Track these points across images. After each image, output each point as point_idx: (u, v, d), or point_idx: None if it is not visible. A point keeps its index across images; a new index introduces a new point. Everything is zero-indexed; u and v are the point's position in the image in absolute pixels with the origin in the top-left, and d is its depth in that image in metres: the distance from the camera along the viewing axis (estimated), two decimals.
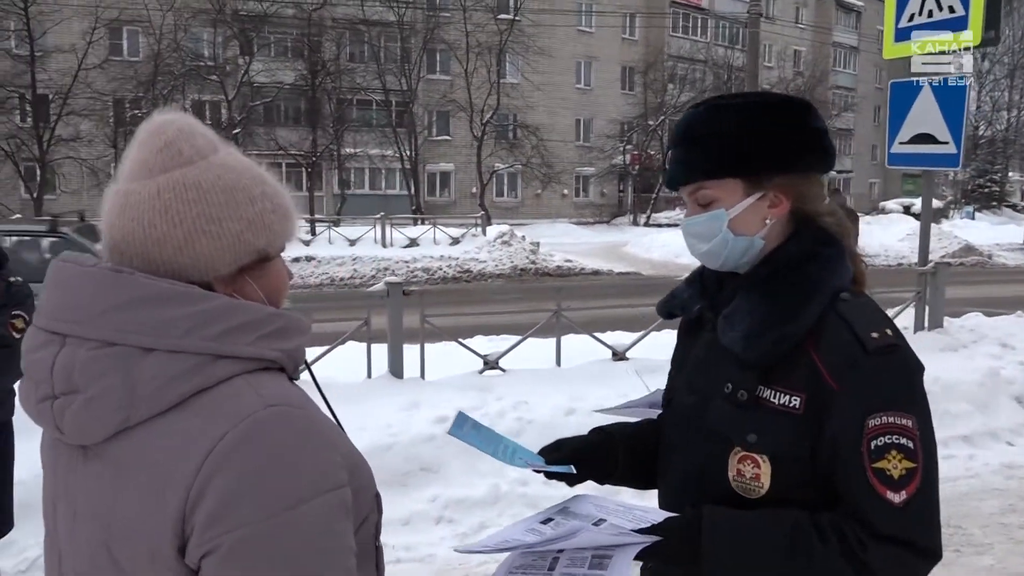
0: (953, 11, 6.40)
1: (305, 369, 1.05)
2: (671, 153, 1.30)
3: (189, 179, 0.93)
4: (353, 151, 29.22)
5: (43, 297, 0.94)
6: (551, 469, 1.33)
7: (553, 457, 1.36)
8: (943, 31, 6.46)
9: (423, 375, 5.49)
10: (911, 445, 1.11)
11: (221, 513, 0.83)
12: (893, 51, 6.99)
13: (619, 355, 5.97)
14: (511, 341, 6.07)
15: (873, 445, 1.11)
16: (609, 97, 36.38)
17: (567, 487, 1.41)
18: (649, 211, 33.63)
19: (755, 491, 1.19)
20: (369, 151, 29.58)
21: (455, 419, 1.30)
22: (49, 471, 1.01)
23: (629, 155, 34.84)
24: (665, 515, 1.18)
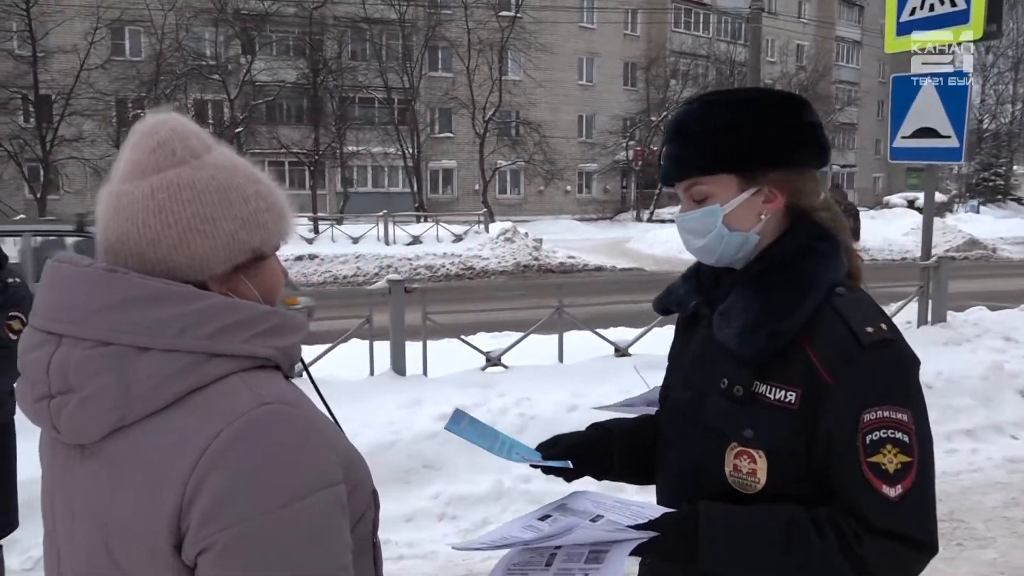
0: (955, 4, 6.38)
1: (302, 370, 1.05)
2: (665, 149, 1.30)
3: (183, 179, 0.93)
4: (355, 149, 29.27)
5: (39, 297, 0.95)
6: (548, 464, 1.33)
7: (550, 453, 1.36)
8: (943, 29, 6.44)
9: (425, 372, 5.51)
10: (906, 439, 1.11)
11: (216, 511, 0.83)
12: (895, 45, 6.97)
13: (621, 351, 5.97)
14: (513, 338, 6.07)
15: (868, 440, 1.11)
16: (611, 93, 36.32)
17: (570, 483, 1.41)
18: (652, 207, 33.55)
19: (751, 486, 1.19)
20: (371, 149, 29.60)
21: (452, 415, 1.31)
22: (47, 470, 1.02)
23: (632, 151, 34.78)
24: (662, 511, 1.18)
